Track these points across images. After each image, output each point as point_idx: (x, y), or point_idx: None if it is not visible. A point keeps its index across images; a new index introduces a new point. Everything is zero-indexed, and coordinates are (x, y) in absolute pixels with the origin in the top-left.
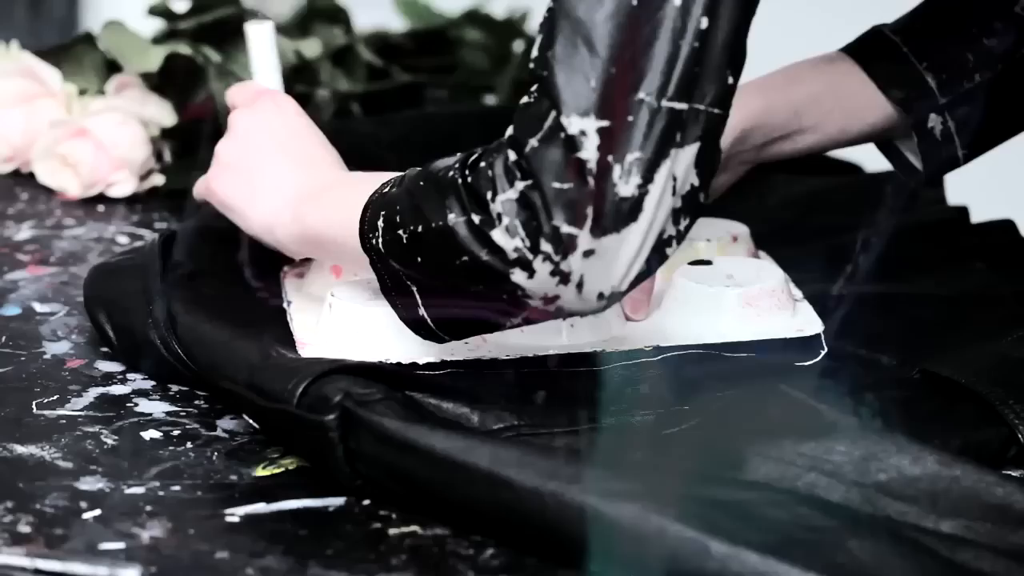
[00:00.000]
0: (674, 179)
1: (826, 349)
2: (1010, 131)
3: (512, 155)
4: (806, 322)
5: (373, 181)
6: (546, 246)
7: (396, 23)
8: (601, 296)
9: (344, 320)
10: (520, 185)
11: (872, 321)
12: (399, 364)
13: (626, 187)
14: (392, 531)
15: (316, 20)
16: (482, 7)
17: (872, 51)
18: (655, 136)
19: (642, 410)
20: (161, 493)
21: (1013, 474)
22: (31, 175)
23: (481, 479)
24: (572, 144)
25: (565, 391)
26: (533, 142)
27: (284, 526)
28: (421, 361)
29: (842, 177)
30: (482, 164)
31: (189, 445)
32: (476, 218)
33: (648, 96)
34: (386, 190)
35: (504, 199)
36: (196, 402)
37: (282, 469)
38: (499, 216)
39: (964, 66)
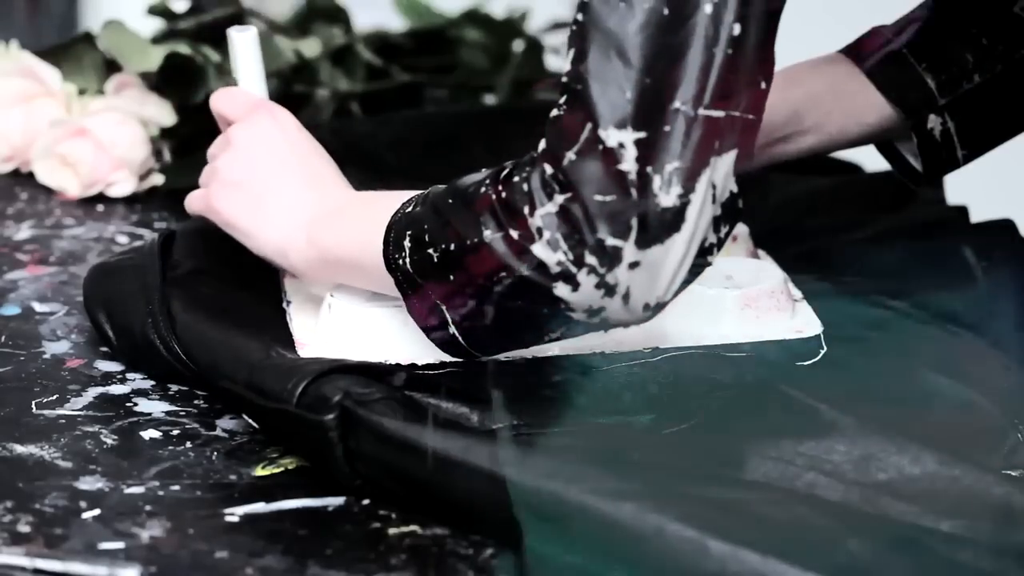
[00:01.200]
0: (713, 187)
1: (825, 349)
2: (1010, 132)
3: (548, 168)
4: (805, 323)
5: (389, 200)
6: (591, 259)
7: (396, 23)
8: (647, 307)
9: (343, 321)
10: (559, 199)
11: (872, 320)
12: (398, 364)
13: (667, 197)
14: (391, 531)
15: (316, 20)
16: (482, 7)
17: (871, 52)
18: (693, 145)
19: (642, 410)
20: (160, 493)
21: (1013, 474)
22: (31, 175)
23: (481, 479)
24: (611, 156)
25: (565, 391)
26: (570, 155)
27: (283, 526)
28: (420, 362)
29: (842, 177)
30: (516, 179)
31: (188, 445)
32: (514, 233)
33: (684, 105)
34: (409, 209)
35: (543, 213)
36: (195, 402)
37: (281, 469)
38: (539, 231)
39: (963, 67)
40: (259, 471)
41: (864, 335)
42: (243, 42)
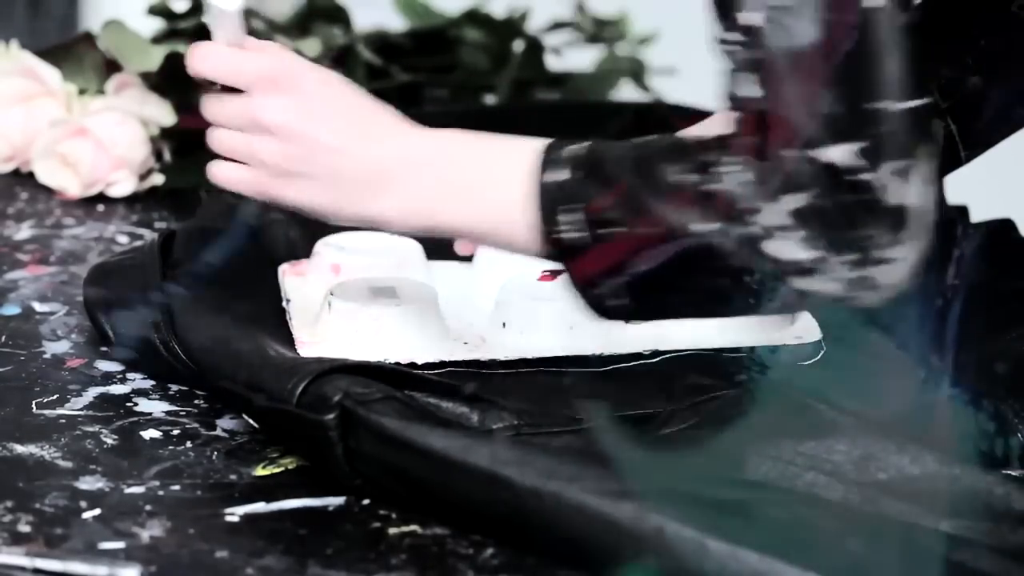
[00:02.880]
0: (927, 173)
1: (825, 349)
2: (1009, 129)
3: (775, 164)
4: (805, 329)
5: (487, 155)
6: (838, 256)
7: (396, 23)
8: (889, 294)
9: (343, 320)
10: (800, 197)
11: (873, 321)
12: (398, 364)
13: (899, 193)
14: (392, 530)
15: (316, 19)
16: (482, 7)
17: None
18: (906, 138)
19: (642, 410)
20: (161, 492)
21: (1013, 474)
22: (31, 174)
23: (481, 479)
24: (834, 168)
25: (565, 391)
26: (793, 161)
27: (284, 525)
28: (420, 361)
29: None
30: (746, 174)
31: (189, 444)
32: (751, 229)
33: (886, 103)
34: (563, 178)
35: (782, 210)
36: (196, 402)
37: (282, 468)
38: (779, 227)
39: (964, 69)
40: (259, 471)
41: (864, 336)
42: (225, 11)
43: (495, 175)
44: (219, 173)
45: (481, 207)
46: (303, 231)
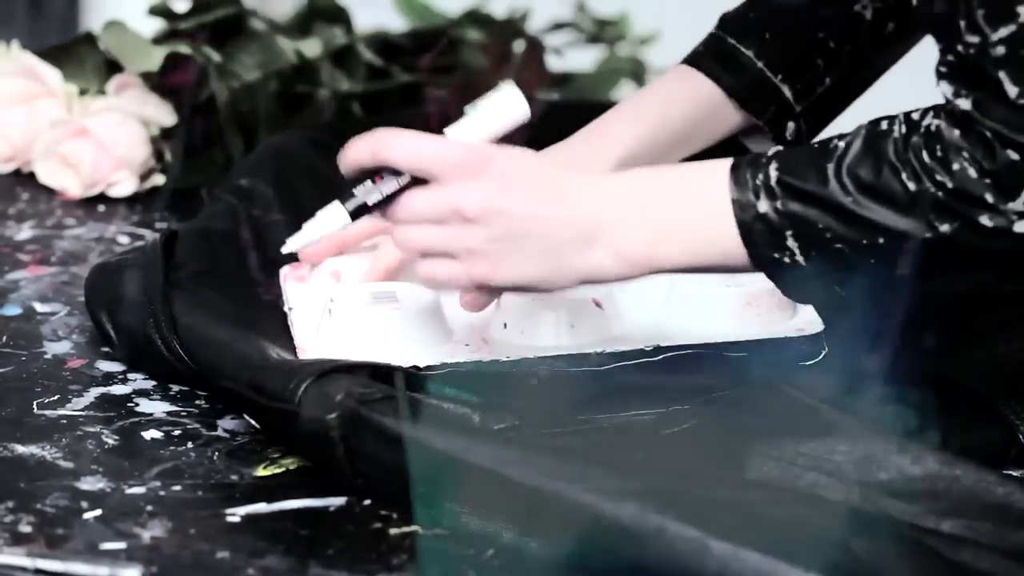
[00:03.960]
0: None
1: (827, 349)
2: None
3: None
4: (806, 321)
5: (694, 195)
6: None
7: (396, 23)
8: None
9: (344, 324)
10: None
11: (872, 321)
12: (399, 365)
13: None
14: (393, 531)
15: (316, 20)
16: (482, 7)
17: (726, 66)
18: None
19: (642, 410)
20: (162, 493)
21: (1013, 474)
22: (31, 175)
23: (481, 479)
24: None
25: (566, 391)
26: None
27: (285, 526)
28: (422, 364)
29: None
30: (975, 172)
31: (190, 445)
32: (1001, 219)
33: None
34: (764, 211)
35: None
36: (197, 402)
37: (283, 469)
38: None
39: (815, 71)
40: (260, 471)
41: (866, 331)
42: (508, 100)
43: (703, 208)
44: (428, 272)
45: (696, 243)
46: None
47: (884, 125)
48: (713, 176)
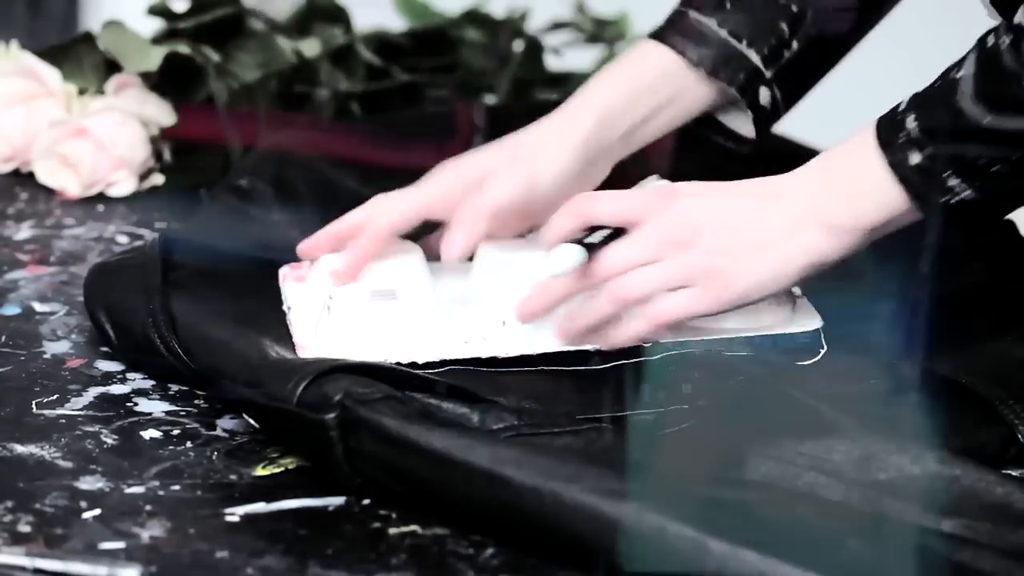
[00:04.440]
0: None
1: (826, 348)
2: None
3: None
4: (805, 318)
5: (850, 171)
6: None
7: (396, 23)
8: None
9: (343, 322)
10: None
11: (872, 321)
12: (399, 364)
13: None
14: (392, 531)
15: (316, 20)
16: (482, 7)
17: (689, 38)
18: None
19: (642, 409)
20: (161, 493)
21: (1013, 474)
22: (31, 175)
23: (481, 478)
24: None
25: (565, 390)
26: None
27: (284, 525)
28: (421, 361)
29: None
30: None
31: (189, 444)
32: None
33: None
34: (917, 162)
35: None
36: (196, 401)
37: (282, 468)
38: None
39: (780, 36)
40: (259, 471)
41: (865, 330)
42: (563, 259)
43: (868, 177)
44: (663, 314)
45: (878, 211)
46: (303, 231)
47: (990, 41)
48: (862, 148)
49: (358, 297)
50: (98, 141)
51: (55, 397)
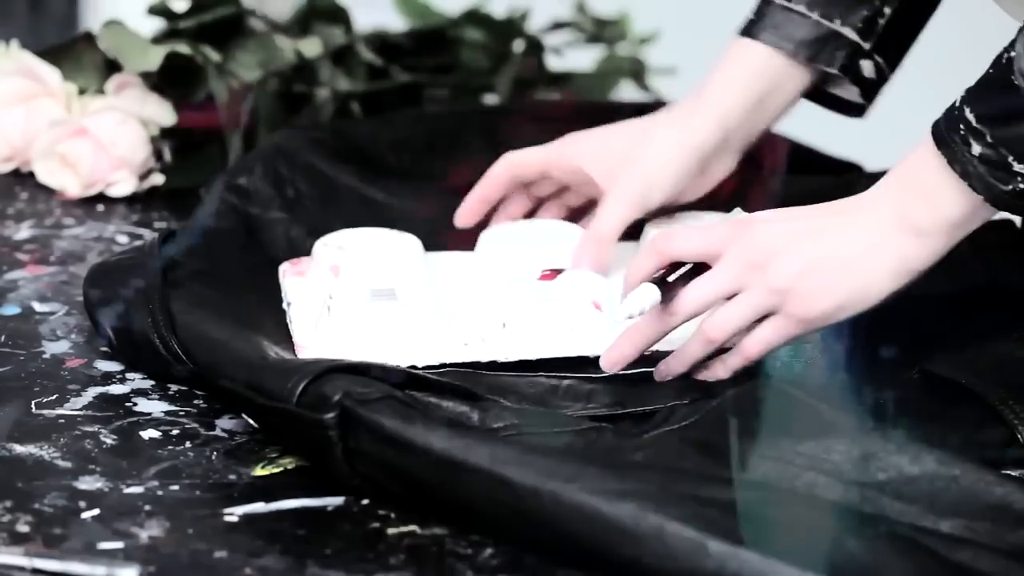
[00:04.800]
0: None
1: (825, 347)
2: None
3: None
4: None
5: (919, 176)
6: None
7: (396, 23)
8: None
9: (343, 321)
10: None
11: (872, 321)
12: (398, 364)
13: None
14: (391, 530)
15: (316, 19)
16: (482, 7)
17: (781, 30)
18: None
19: (641, 409)
20: (160, 493)
21: (1013, 474)
22: (31, 174)
23: (480, 478)
24: None
25: (565, 391)
26: None
27: (283, 525)
28: (420, 363)
29: (841, 177)
30: None
31: (188, 444)
32: None
33: None
34: (979, 152)
35: None
36: (195, 401)
37: (281, 468)
38: None
39: (872, 4)
40: (258, 471)
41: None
42: (640, 299)
43: (933, 178)
44: (756, 346)
45: (948, 212)
46: (303, 230)
47: None
48: (927, 151)
49: (358, 297)
50: (98, 141)
51: (54, 397)
